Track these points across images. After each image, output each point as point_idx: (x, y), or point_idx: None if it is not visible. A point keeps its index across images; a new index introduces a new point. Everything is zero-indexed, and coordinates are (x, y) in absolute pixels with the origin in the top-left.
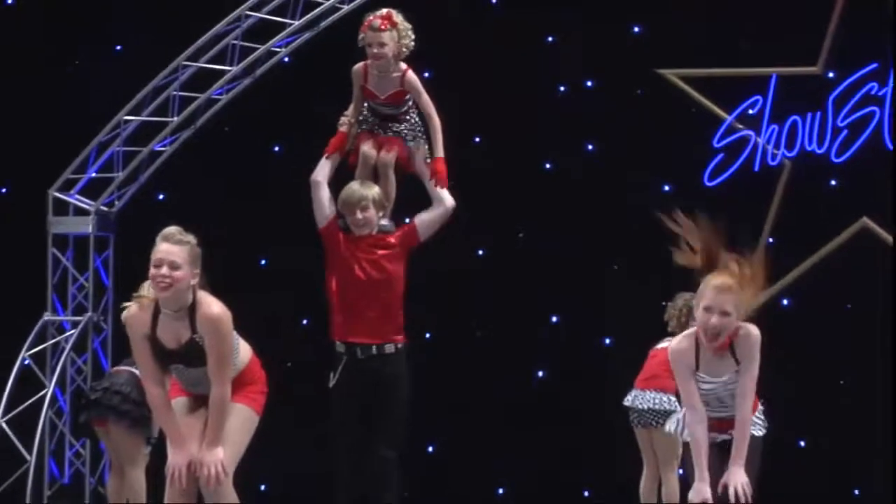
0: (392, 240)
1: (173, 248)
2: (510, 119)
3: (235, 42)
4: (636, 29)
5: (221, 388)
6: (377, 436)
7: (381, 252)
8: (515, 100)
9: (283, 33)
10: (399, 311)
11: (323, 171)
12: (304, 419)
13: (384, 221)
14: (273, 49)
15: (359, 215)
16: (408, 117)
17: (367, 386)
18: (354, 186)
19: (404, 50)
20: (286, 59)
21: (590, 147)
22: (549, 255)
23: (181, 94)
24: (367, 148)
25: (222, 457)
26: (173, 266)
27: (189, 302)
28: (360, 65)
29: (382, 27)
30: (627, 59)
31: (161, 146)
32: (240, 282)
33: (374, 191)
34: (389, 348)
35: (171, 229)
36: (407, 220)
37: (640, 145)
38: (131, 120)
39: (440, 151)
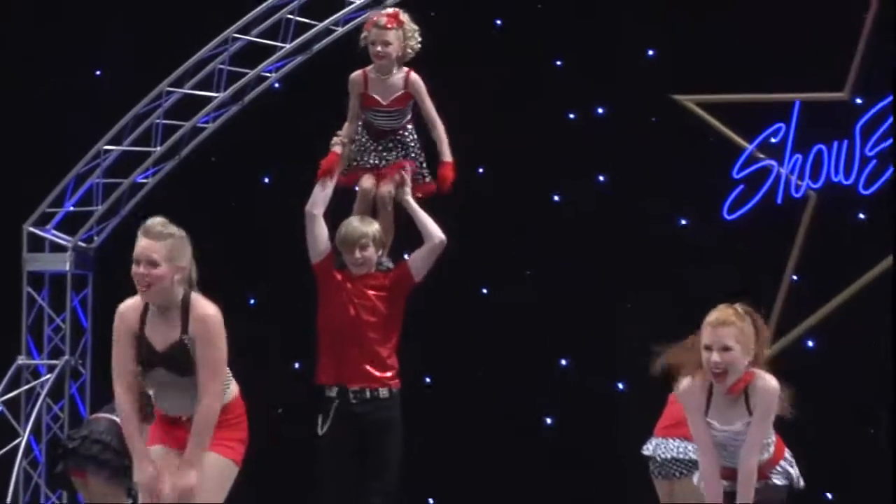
0: (386, 282)
1: (152, 244)
2: (517, 148)
3: (222, 66)
4: (650, 52)
5: (211, 400)
6: (368, 484)
7: (375, 293)
8: (522, 127)
9: (274, 57)
10: (394, 355)
11: (319, 202)
12: (293, 464)
13: (384, 259)
14: (263, 74)
15: (357, 255)
16: (405, 133)
17: (359, 432)
18: (354, 223)
19: (409, 52)
20: (277, 85)
21: (601, 178)
22: (557, 294)
23: (165, 122)
24: (366, 183)
25: (195, 482)
26: (151, 263)
27: (178, 299)
28: (357, 72)
29: (388, 25)
30: (641, 85)
31: (143, 177)
32: (227, 320)
33: (373, 227)
34: (384, 393)
35: (154, 221)
36: (406, 256)
37: (655, 176)
38: (111, 150)
39: (447, 156)
